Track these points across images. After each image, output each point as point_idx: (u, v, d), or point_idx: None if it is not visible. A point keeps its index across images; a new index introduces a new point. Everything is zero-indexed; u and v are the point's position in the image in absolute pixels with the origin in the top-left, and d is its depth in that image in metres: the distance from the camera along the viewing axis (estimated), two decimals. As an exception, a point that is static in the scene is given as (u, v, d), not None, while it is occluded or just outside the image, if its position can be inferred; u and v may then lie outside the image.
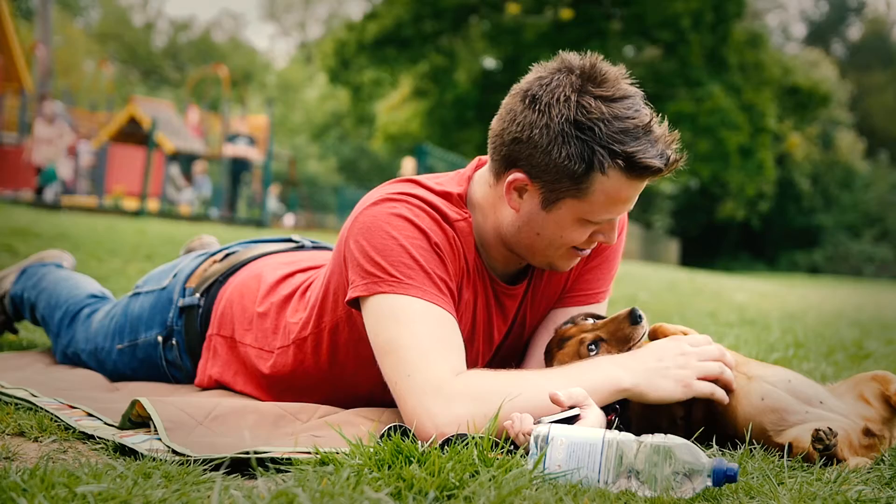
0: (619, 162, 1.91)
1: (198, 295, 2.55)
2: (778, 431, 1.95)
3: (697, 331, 2.15)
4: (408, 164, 17.66)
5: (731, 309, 8.55)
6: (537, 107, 1.95)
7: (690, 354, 2.01)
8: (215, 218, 18.69)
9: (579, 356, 2.08)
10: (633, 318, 2.07)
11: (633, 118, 1.92)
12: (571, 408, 1.82)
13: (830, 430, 1.82)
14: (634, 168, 1.92)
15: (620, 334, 2.08)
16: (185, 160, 21.57)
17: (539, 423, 1.76)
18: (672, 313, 7.05)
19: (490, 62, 30.48)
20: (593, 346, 2.08)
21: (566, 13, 28.15)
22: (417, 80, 30.85)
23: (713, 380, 1.99)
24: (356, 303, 2.04)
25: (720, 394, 1.99)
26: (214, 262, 2.64)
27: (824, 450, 1.81)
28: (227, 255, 2.67)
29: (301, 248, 2.76)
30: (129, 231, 10.60)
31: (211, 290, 2.55)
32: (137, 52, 54.21)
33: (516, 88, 2.02)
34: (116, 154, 20.11)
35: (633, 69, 2.05)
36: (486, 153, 2.17)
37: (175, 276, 2.66)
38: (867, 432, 1.92)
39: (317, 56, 40.04)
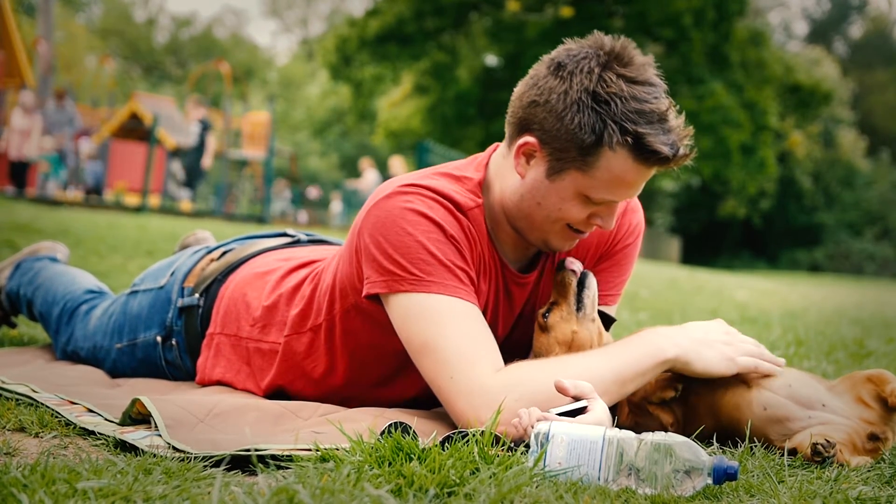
0: (629, 140, 1.92)
1: (197, 295, 2.54)
2: (782, 439, 1.95)
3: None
4: (395, 164, 17.67)
5: (732, 307, 8.55)
6: (560, 74, 1.97)
7: (733, 334, 2.08)
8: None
9: (540, 328, 2.15)
10: (557, 266, 2.15)
11: (651, 103, 1.93)
12: (577, 399, 1.83)
13: (828, 441, 1.82)
14: (642, 150, 1.93)
15: (558, 287, 2.13)
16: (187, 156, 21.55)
17: (548, 413, 1.76)
18: (673, 311, 7.05)
19: (492, 59, 30.43)
20: (546, 313, 2.14)
21: (566, 11, 28.13)
22: (419, 77, 30.86)
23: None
24: (374, 296, 2.05)
25: (764, 366, 2.02)
26: (212, 260, 2.62)
27: (823, 461, 1.81)
28: (224, 253, 2.65)
29: (297, 242, 2.75)
30: (130, 227, 10.59)
31: (210, 289, 2.54)
32: (139, 48, 54.22)
33: (546, 57, 2.04)
34: (118, 150, 20.12)
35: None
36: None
37: (172, 274, 2.64)
38: (872, 437, 1.91)
39: (318, 52, 40.00)
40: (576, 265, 2.14)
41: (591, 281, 2.14)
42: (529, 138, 2.02)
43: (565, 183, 2.01)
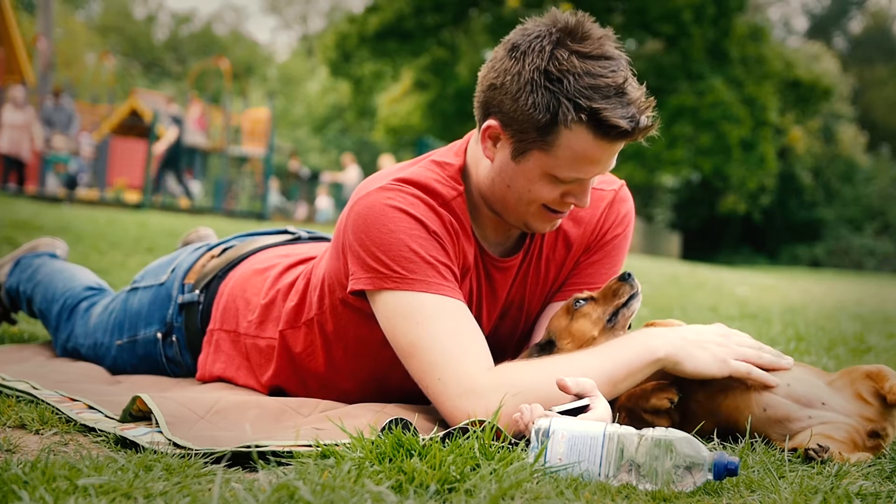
0: (583, 117, 1.89)
1: (197, 291, 2.54)
2: (783, 438, 1.95)
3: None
4: (385, 163, 17.72)
5: (732, 303, 8.55)
6: (514, 55, 1.96)
7: (729, 336, 2.06)
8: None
9: (567, 311, 2.11)
10: (622, 275, 2.09)
11: (607, 77, 1.89)
12: (580, 396, 1.83)
13: (820, 446, 1.82)
14: (600, 126, 1.90)
15: (608, 290, 2.09)
16: (187, 153, 21.52)
17: (550, 411, 1.76)
18: (673, 307, 7.05)
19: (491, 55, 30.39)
20: (581, 301, 2.10)
21: (565, 7, 28.08)
22: (419, 73, 30.81)
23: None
24: (360, 292, 2.05)
25: (757, 373, 2.00)
26: (212, 257, 2.63)
27: (821, 463, 1.82)
28: (225, 250, 2.66)
29: (298, 239, 2.75)
30: (130, 224, 10.59)
31: (210, 285, 2.54)
32: (139, 44, 54.17)
33: (505, 39, 2.03)
34: (118, 147, 20.09)
35: (634, 63, 2.03)
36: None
37: (173, 271, 2.65)
38: (872, 434, 1.91)
39: (318, 49, 39.98)
40: (638, 287, 2.10)
41: (635, 303, 2.09)
42: (492, 122, 2.01)
43: (530, 164, 2.00)
